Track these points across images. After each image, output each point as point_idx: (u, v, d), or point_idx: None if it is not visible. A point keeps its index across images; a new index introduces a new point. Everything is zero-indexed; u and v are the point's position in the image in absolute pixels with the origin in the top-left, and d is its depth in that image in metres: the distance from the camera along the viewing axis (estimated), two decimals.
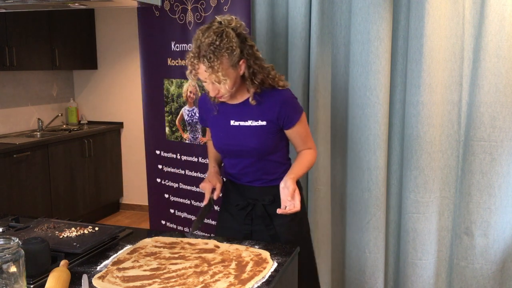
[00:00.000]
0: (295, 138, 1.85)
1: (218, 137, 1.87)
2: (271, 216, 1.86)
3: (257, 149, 1.80)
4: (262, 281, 1.37)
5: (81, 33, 4.75)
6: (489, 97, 2.14)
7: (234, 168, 1.89)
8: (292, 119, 1.80)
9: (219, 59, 1.63)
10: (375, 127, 2.27)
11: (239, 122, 1.81)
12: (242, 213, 1.89)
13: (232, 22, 1.70)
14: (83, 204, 4.51)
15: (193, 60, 1.66)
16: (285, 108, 1.78)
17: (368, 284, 2.42)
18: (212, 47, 1.62)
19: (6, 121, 4.35)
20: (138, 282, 1.37)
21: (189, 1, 2.62)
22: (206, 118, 1.92)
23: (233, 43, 1.66)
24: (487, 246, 2.26)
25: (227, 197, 1.99)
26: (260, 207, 1.86)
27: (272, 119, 1.78)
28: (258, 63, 1.74)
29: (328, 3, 2.32)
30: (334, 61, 2.39)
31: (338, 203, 2.51)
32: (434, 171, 2.25)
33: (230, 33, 1.66)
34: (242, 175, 1.88)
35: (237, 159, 1.86)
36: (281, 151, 1.88)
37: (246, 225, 1.88)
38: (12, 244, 1.22)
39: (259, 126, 1.79)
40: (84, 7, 1.83)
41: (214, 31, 1.65)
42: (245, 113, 1.80)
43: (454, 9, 2.15)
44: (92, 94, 5.06)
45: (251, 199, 1.87)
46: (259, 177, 1.86)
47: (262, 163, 1.84)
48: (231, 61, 1.66)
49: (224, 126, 1.83)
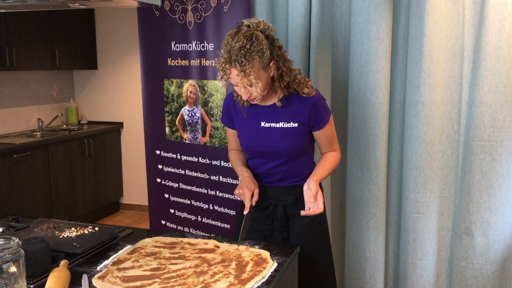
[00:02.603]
0: (322, 140, 1.86)
1: (248, 138, 1.87)
2: (288, 218, 1.87)
3: (288, 150, 1.81)
4: (262, 281, 1.37)
5: (81, 33, 4.75)
6: (489, 97, 2.14)
7: (261, 168, 1.89)
8: (322, 121, 1.81)
9: (251, 62, 1.63)
10: (375, 127, 2.27)
11: (270, 124, 1.81)
12: (263, 213, 1.89)
13: (260, 24, 1.70)
14: (83, 204, 4.51)
15: (224, 65, 1.66)
16: (316, 109, 1.79)
17: (368, 284, 2.42)
18: (243, 51, 1.62)
19: (6, 121, 4.35)
20: (138, 282, 1.37)
21: (189, 1, 2.62)
22: (234, 119, 1.91)
23: (263, 45, 1.66)
24: (487, 246, 2.25)
25: None
26: (281, 208, 1.86)
27: (303, 120, 1.79)
28: (287, 65, 1.75)
29: (328, 3, 2.32)
30: (334, 61, 2.39)
31: (338, 203, 2.51)
32: (434, 171, 2.25)
33: (260, 36, 1.67)
34: (268, 175, 1.88)
35: (265, 159, 1.86)
36: (309, 152, 1.89)
37: (266, 225, 1.88)
38: (12, 244, 1.22)
39: (291, 128, 1.79)
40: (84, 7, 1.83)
41: (243, 35, 1.65)
42: (276, 114, 1.80)
43: (454, 9, 2.15)
44: (92, 94, 5.06)
45: (273, 199, 1.87)
46: (284, 177, 1.86)
47: (290, 164, 1.84)
48: (262, 63, 1.67)
49: (255, 128, 1.83)
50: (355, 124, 2.34)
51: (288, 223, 1.87)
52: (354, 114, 2.34)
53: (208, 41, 2.62)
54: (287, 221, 1.87)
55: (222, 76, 1.69)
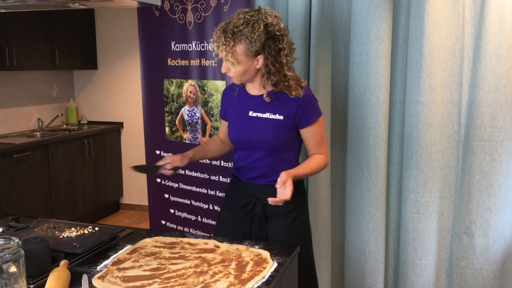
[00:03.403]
0: (309, 140, 1.85)
1: (235, 126, 1.89)
2: (267, 217, 1.86)
3: (270, 142, 1.81)
4: (262, 281, 1.37)
5: (81, 33, 4.75)
6: (489, 97, 2.14)
7: (244, 161, 1.89)
8: (309, 119, 1.81)
9: (235, 42, 1.68)
10: (375, 127, 2.27)
11: (257, 114, 1.83)
12: (243, 211, 1.88)
13: (269, 17, 1.72)
14: (83, 204, 4.51)
15: (217, 32, 1.73)
16: (304, 106, 1.79)
17: (368, 284, 2.42)
18: (235, 29, 1.68)
19: (6, 121, 4.35)
20: (138, 282, 1.37)
21: (189, 1, 2.62)
22: (227, 108, 1.95)
23: (255, 35, 1.68)
24: (487, 246, 2.25)
25: (230, 195, 2.00)
26: (260, 206, 1.85)
27: (289, 114, 1.79)
28: (277, 66, 1.75)
29: (328, 3, 2.32)
30: (334, 61, 2.39)
31: (338, 203, 2.51)
32: (434, 171, 2.25)
33: (259, 26, 1.70)
34: (251, 169, 1.88)
35: (249, 151, 1.87)
36: (293, 151, 1.88)
37: (245, 223, 1.88)
38: (12, 244, 1.22)
39: (276, 120, 1.80)
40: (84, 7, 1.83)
41: (245, 17, 1.70)
42: (264, 105, 1.82)
43: (454, 9, 2.15)
44: (92, 94, 5.06)
45: (254, 197, 1.86)
46: (266, 173, 1.85)
47: (272, 158, 1.84)
48: (248, 50, 1.70)
49: (243, 117, 1.86)
50: (355, 124, 2.34)
51: (267, 224, 1.86)
52: (354, 114, 2.34)
53: (208, 41, 2.62)
54: (266, 221, 1.86)
55: (214, 40, 1.74)
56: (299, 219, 1.90)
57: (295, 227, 1.88)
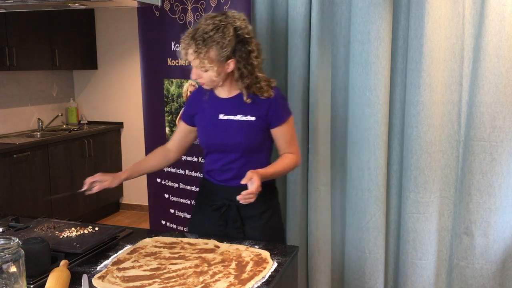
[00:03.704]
0: (280, 139, 1.86)
1: (206, 130, 1.88)
2: (243, 220, 1.86)
3: (243, 144, 1.81)
4: (262, 281, 1.37)
5: (81, 33, 4.75)
6: (489, 97, 2.14)
7: (215, 164, 1.88)
8: (280, 118, 1.82)
9: (207, 49, 1.67)
10: (375, 127, 2.27)
11: (228, 116, 1.82)
12: (217, 214, 1.87)
13: (237, 21, 1.72)
14: (83, 204, 4.51)
15: (186, 39, 1.72)
16: (275, 106, 1.80)
17: (368, 284, 2.42)
18: (205, 35, 1.67)
19: (6, 121, 4.35)
20: (138, 282, 1.37)
21: (189, 1, 2.62)
22: (196, 112, 1.92)
23: (226, 40, 1.68)
24: (487, 246, 2.25)
25: (202, 197, 1.98)
26: (234, 209, 1.85)
27: (261, 115, 1.80)
28: (249, 68, 1.75)
29: (328, 3, 2.32)
30: (334, 61, 2.39)
31: (338, 203, 2.51)
32: (434, 171, 2.25)
33: (229, 30, 1.69)
34: (223, 172, 1.87)
35: (221, 154, 1.86)
36: (265, 152, 1.88)
37: (220, 226, 1.87)
38: (12, 244, 1.22)
39: (248, 121, 1.80)
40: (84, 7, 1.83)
41: (214, 22, 1.69)
42: (235, 107, 1.82)
43: (454, 9, 2.15)
44: (92, 94, 5.06)
45: (227, 199, 1.85)
46: (238, 175, 1.82)
47: (245, 160, 1.84)
48: (219, 55, 1.69)
49: (213, 120, 1.85)
50: (355, 124, 2.34)
51: (243, 225, 1.86)
52: (354, 114, 2.34)
53: None
54: (242, 223, 1.86)
55: (183, 47, 1.73)
56: (273, 218, 1.92)
57: (269, 227, 1.89)
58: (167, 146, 2.05)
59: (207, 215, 1.91)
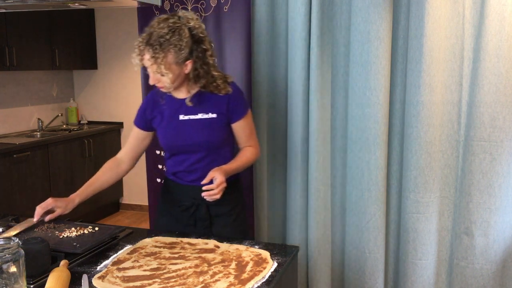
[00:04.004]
0: (240, 133, 1.87)
1: (167, 134, 1.86)
2: (212, 218, 1.87)
3: (208, 142, 1.81)
4: (262, 281, 1.37)
5: (81, 33, 4.75)
6: (489, 97, 2.14)
7: (181, 165, 1.87)
8: (240, 113, 1.84)
9: (165, 53, 1.64)
10: (375, 127, 2.27)
11: (189, 116, 1.81)
12: (186, 214, 1.87)
13: (191, 21, 1.70)
14: (83, 204, 4.48)
15: (140, 45, 1.67)
16: (234, 101, 1.82)
17: (368, 284, 2.42)
18: (161, 39, 1.64)
19: (6, 121, 4.35)
20: (138, 282, 1.37)
21: (189, 1, 2.62)
22: (153, 116, 1.88)
23: (183, 42, 1.66)
24: (487, 246, 2.25)
25: (168, 199, 1.96)
26: (204, 208, 1.85)
27: (222, 111, 1.81)
28: (206, 68, 1.76)
29: (328, 3, 2.32)
30: (334, 61, 2.39)
31: (338, 203, 2.51)
32: (434, 171, 2.25)
33: (184, 32, 1.67)
34: (189, 172, 1.87)
35: (185, 155, 1.85)
36: (228, 147, 1.89)
37: (189, 226, 1.87)
38: (12, 244, 1.22)
39: (210, 119, 1.81)
40: (84, 7, 1.83)
41: (169, 25, 1.65)
42: (194, 106, 1.81)
43: (454, 9, 2.15)
44: (92, 94, 5.06)
45: (196, 199, 1.84)
46: (206, 173, 1.82)
47: (210, 158, 1.84)
48: (177, 58, 1.67)
49: (173, 122, 1.83)
50: (355, 124, 2.34)
51: (212, 224, 1.87)
52: (354, 114, 2.34)
53: None
54: (210, 222, 1.87)
55: (137, 54, 1.69)
56: (241, 215, 1.94)
57: (238, 224, 1.91)
58: (118, 157, 1.99)
59: (174, 217, 1.90)
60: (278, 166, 2.59)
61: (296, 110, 2.40)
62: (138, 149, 1.97)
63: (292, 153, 2.46)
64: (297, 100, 2.39)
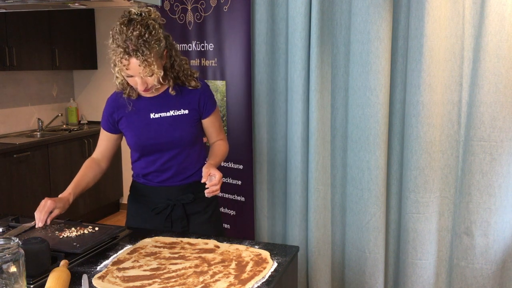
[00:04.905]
0: (211, 128, 1.88)
1: (137, 134, 1.80)
2: (188, 217, 1.86)
3: (181, 138, 1.79)
4: (262, 281, 1.37)
5: (81, 33, 4.75)
6: (489, 97, 2.14)
7: (152, 166, 1.83)
8: (211, 107, 1.84)
9: (151, 52, 1.59)
10: (375, 127, 2.27)
11: (160, 114, 1.79)
12: (160, 217, 1.85)
13: (151, 13, 1.67)
14: (83, 204, 4.51)
15: (123, 55, 1.61)
16: (205, 96, 1.82)
17: (368, 284, 2.42)
18: (141, 40, 1.58)
19: (6, 121, 4.35)
20: (138, 282, 1.37)
21: (189, 1, 2.62)
22: (119, 117, 1.83)
23: (159, 34, 1.64)
24: (487, 246, 2.25)
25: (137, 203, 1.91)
26: (180, 208, 1.84)
27: (194, 107, 1.80)
28: (178, 54, 1.76)
29: (328, 3, 2.32)
30: (334, 61, 2.39)
31: (338, 203, 2.51)
32: (434, 171, 2.25)
33: (155, 24, 1.64)
34: (161, 172, 1.83)
35: (158, 154, 1.81)
36: (200, 143, 1.89)
37: (166, 228, 1.85)
38: (12, 244, 1.22)
39: (182, 115, 1.79)
40: (84, 7, 1.83)
41: (140, 24, 1.61)
42: (165, 104, 1.79)
43: (454, 9, 2.15)
44: (92, 94, 5.06)
45: (171, 200, 1.83)
46: (178, 172, 1.82)
47: (183, 155, 1.82)
48: (159, 52, 1.64)
49: (143, 121, 1.79)
50: (355, 124, 2.34)
51: (188, 223, 1.86)
52: (354, 114, 2.34)
53: (208, 41, 2.61)
54: (187, 221, 1.86)
55: (121, 68, 1.64)
56: (216, 211, 1.94)
57: (214, 220, 1.92)
58: (95, 157, 1.92)
59: (149, 221, 1.86)
60: (278, 166, 2.59)
61: (296, 110, 2.40)
62: (112, 150, 1.93)
63: (292, 153, 2.46)
64: (297, 100, 2.39)
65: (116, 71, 1.67)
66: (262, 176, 2.61)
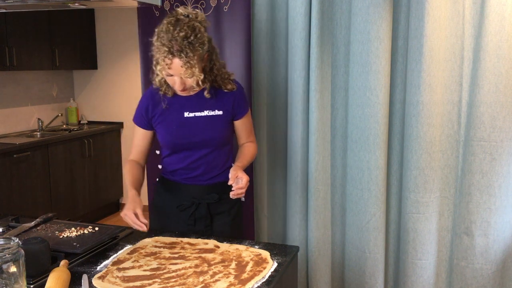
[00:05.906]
0: (242, 130, 1.89)
1: (170, 131, 1.82)
2: (212, 217, 1.87)
3: (214, 139, 1.81)
4: (262, 281, 1.37)
5: (81, 33, 4.75)
6: (489, 97, 2.14)
7: (182, 162, 1.85)
8: (244, 109, 1.86)
9: (195, 54, 1.61)
10: (375, 127, 2.27)
11: (194, 113, 1.81)
12: (185, 214, 1.86)
13: (198, 16, 1.69)
14: (83, 204, 4.51)
15: (166, 54, 1.61)
16: (239, 98, 1.84)
17: (368, 284, 2.42)
18: (186, 41, 1.60)
19: (6, 121, 4.35)
20: (138, 282, 1.37)
21: (189, 1, 2.62)
22: (153, 114, 1.84)
23: (204, 37, 1.66)
24: (487, 246, 2.25)
25: (164, 198, 1.93)
26: (204, 207, 1.85)
27: (228, 108, 1.82)
28: (218, 58, 1.78)
29: (328, 3, 2.32)
30: (334, 61, 2.39)
31: (338, 203, 2.51)
32: (434, 171, 2.25)
33: (200, 27, 1.66)
34: (190, 170, 1.85)
35: (187, 152, 1.83)
36: (230, 144, 1.90)
37: (189, 226, 1.86)
38: (12, 244, 1.22)
39: (216, 116, 1.81)
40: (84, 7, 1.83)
41: (187, 25, 1.62)
42: (200, 104, 1.81)
43: (454, 9, 2.15)
44: (92, 94, 5.06)
45: (196, 198, 1.85)
46: (206, 171, 1.84)
47: (213, 154, 1.84)
48: (202, 55, 1.67)
49: (178, 119, 1.81)
50: (355, 124, 2.34)
51: (212, 222, 1.87)
52: (354, 114, 2.34)
53: None
54: (211, 220, 1.87)
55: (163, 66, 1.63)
56: (239, 213, 1.95)
57: (237, 222, 1.93)
58: (133, 159, 1.91)
59: (173, 217, 1.88)
60: (278, 166, 2.59)
61: (296, 110, 2.40)
62: (148, 149, 1.94)
63: (292, 153, 2.46)
64: (297, 100, 2.39)
65: (158, 69, 1.67)
66: (262, 176, 2.61)
